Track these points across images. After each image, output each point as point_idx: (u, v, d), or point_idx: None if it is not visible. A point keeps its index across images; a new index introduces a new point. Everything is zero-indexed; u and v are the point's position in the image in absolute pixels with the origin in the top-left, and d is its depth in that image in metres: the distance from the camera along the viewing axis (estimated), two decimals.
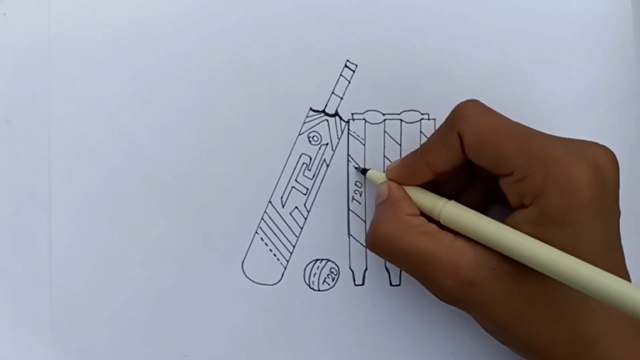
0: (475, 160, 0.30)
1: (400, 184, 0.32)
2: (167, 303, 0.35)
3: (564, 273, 0.27)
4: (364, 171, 0.34)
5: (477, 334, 0.35)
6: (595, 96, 0.35)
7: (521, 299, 0.29)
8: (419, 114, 0.35)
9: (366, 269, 0.35)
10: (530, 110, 0.35)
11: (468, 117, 0.30)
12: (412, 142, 0.35)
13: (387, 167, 0.33)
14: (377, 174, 0.34)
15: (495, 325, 0.30)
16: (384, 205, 0.32)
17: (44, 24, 0.35)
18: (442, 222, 0.31)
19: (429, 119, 0.35)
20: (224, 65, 0.35)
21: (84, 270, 0.35)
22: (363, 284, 0.35)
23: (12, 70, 0.35)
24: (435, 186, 0.32)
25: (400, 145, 0.35)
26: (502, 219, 0.30)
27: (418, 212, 0.31)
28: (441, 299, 0.30)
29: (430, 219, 0.31)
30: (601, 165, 0.28)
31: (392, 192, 0.32)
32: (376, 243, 0.31)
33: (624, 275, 0.30)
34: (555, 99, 0.35)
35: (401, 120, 0.35)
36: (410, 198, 0.32)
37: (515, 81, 0.35)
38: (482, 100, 0.30)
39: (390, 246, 0.30)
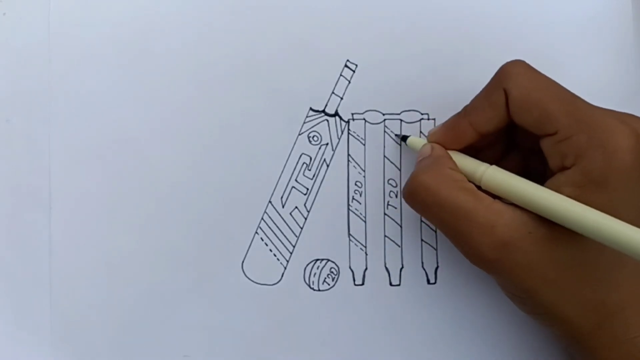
0: (519, 119, 0.30)
1: (443, 147, 0.32)
2: (167, 303, 0.35)
3: (609, 235, 0.26)
4: (404, 138, 0.34)
5: (476, 333, 0.35)
6: (595, 96, 0.35)
7: (553, 263, 0.29)
8: (419, 113, 0.35)
9: (366, 269, 0.35)
10: None
11: (515, 75, 0.30)
12: None
13: (429, 131, 0.33)
14: (418, 140, 0.33)
15: (523, 291, 0.29)
16: (426, 160, 0.31)
17: (44, 24, 0.35)
18: (483, 186, 0.30)
19: (428, 119, 0.35)
20: (224, 65, 0.35)
21: (84, 270, 0.35)
22: (363, 284, 0.35)
23: (12, 70, 0.35)
24: (473, 154, 0.32)
25: (400, 145, 0.35)
26: None
27: (459, 170, 0.31)
28: (472, 260, 0.30)
29: None
30: None
31: (435, 150, 0.32)
32: (413, 192, 0.30)
33: None
34: None
35: (401, 120, 0.35)
36: (452, 158, 0.31)
37: None
38: None
39: (428, 196, 0.30)
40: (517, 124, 0.30)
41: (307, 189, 0.35)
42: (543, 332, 0.35)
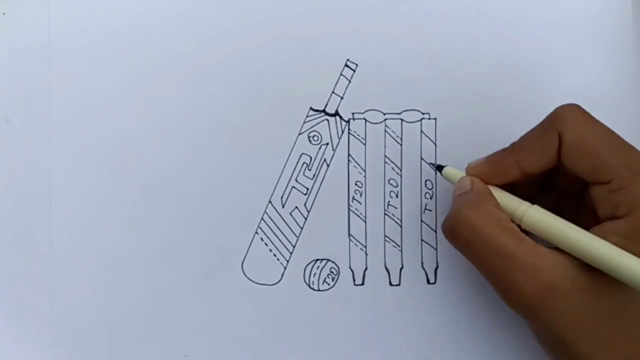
0: (570, 164, 0.29)
1: (483, 181, 0.31)
2: (167, 303, 0.35)
3: None
4: (439, 167, 0.33)
5: (476, 333, 0.35)
6: (595, 96, 0.35)
7: (593, 314, 0.28)
8: (420, 113, 0.35)
9: (366, 269, 0.35)
10: (530, 110, 0.35)
11: (571, 119, 0.29)
12: (413, 141, 0.35)
13: (469, 164, 0.32)
14: (455, 172, 0.32)
15: (560, 341, 0.28)
16: (467, 195, 0.30)
17: (44, 24, 0.35)
18: (523, 226, 0.29)
19: (429, 119, 0.35)
20: (224, 65, 0.35)
21: (84, 270, 0.35)
22: (363, 284, 0.35)
23: (12, 70, 0.35)
24: (507, 190, 0.31)
25: (401, 144, 0.35)
26: None
27: (501, 208, 0.30)
28: (510, 303, 0.29)
29: None
30: None
31: (476, 185, 0.30)
32: (456, 227, 0.29)
33: None
34: (555, 98, 0.35)
35: (402, 119, 0.35)
36: (493, 194, 0.30)
37: (515, 81, 0.35)
38: (483, 100, 0.30)
39: (472, 233, 0.28)
40: (566, 168, 0.29)
41: (307, 189, 0.35)
42: None
